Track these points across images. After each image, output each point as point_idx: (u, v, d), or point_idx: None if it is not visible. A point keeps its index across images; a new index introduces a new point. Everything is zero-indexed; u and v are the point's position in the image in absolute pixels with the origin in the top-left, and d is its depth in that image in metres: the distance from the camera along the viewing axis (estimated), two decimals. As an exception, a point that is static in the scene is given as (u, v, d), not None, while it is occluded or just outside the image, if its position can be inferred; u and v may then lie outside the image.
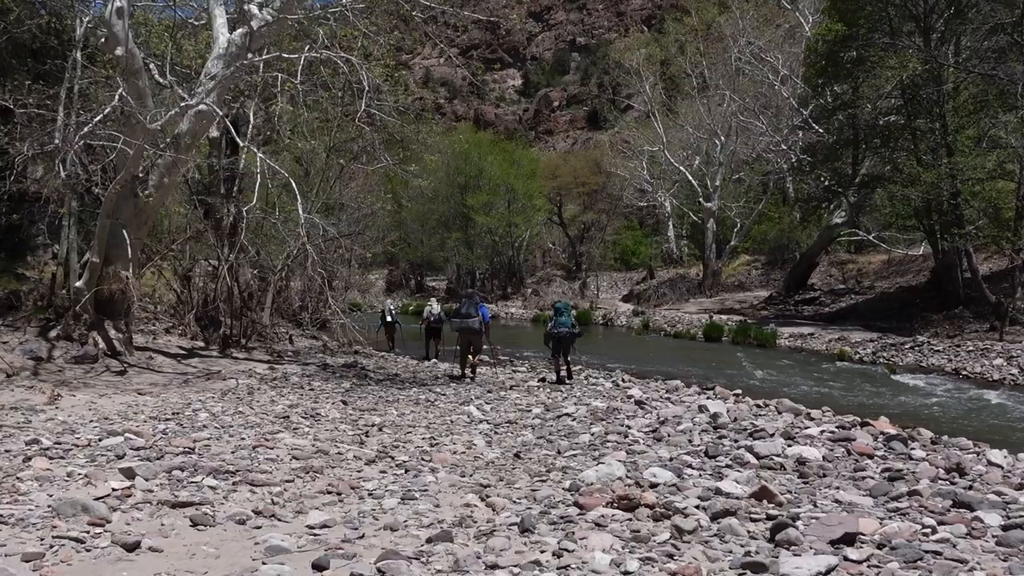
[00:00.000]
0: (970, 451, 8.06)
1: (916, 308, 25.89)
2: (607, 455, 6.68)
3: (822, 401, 13.78)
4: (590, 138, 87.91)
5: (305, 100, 18.78)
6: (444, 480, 5.73)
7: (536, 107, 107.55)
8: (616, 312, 36.22)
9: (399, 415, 8.94)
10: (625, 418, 8.88)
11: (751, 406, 11.34)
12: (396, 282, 60.39)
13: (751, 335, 24.89)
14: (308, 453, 6.49)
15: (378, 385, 11.88)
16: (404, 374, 13.86)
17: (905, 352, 20.46)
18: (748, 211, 43.25)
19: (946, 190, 22.25)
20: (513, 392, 11.65)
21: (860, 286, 34.89)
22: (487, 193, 48.10)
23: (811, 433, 8.12)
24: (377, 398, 10.35)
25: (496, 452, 6.93)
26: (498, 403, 10.32)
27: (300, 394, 10.41)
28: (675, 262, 50.10)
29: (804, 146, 33.16)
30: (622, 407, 9.72)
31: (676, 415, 8.77)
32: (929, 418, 12.31)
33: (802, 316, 30.56)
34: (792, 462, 6.41)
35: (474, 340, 13.62)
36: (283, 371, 12.96)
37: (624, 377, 14.67)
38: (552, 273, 55.15)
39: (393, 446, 7.05)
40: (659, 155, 46.58)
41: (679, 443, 7.29)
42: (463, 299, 14.14)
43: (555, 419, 8.91)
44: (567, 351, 13.47)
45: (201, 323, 16.51)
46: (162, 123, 11.55)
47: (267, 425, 7.82)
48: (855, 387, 15.97)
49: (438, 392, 11.16)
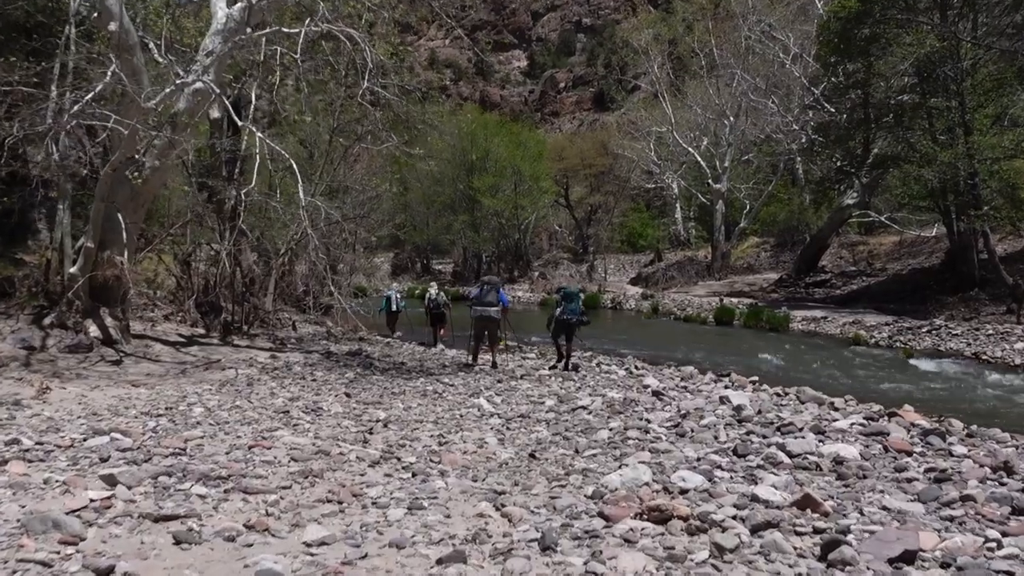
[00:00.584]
0: (1008, 444, 7.61)
1: (930, 290, 25.39)
2: (629, 455, 6.23)
3: (842, 388, 13.33)
4: (596, 119, 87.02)
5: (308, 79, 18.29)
6: (454, 485, 5.26)
7: (542, 88, 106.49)
8: (625, 295, 35.71)
9: (405, 409, 8.49)
10: (644, 411, 8.43)
11: (771, 395, 10.93)
12: (402, 265, 59.94)
13: (763, 319, 24.36)
14: (308, 454, 6.04)
15: (383, 375, 11.43)
16: (410, 362, 13.40)
17: (922, 336, 19.94)
18: (757, 193, 42.65)
19: (963, 170, 21.67)
20: (524, 382, 11.18)
21: (872, 268, 34.34)
22: (493, 175, 47.50)
23: (841, 427, 7.68)
24: (382, 389, 9.91)
25: (510, 451, 6.46)
26: (509, 394, 9.87)
27: (302, 385, 9.97)
28: (683, 244, 49.58)
29: (816, 126, 32.54)
30: (639, 398, 9.26)
31: (698, 407, 8.31)
32: (954, 406, 11.84)
33: (813, 299, 30.05)
34: (828, 461, 5.95)
35: (491, 328, 13.22)
36: (285, 360, 12.54)
37: (637, 364, 14.22)
38: (559, 256, 54.62)
39: (399, 445, 6.59)
40: (667, 136, 45.93)
41: (705, 440, 6.83)
42: (483, 285, 13.42)
43: (570, 412, 8.46)
44: (570, 338, 13.09)
45: (202, 309, 16.08)
46: (157, 102, 11.03)
47: (265, 421, 7.38)
48: (874, 373, 15.48)
49: (446, 383, 10.70)
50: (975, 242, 24.15)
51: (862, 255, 37.56)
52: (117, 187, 11.96)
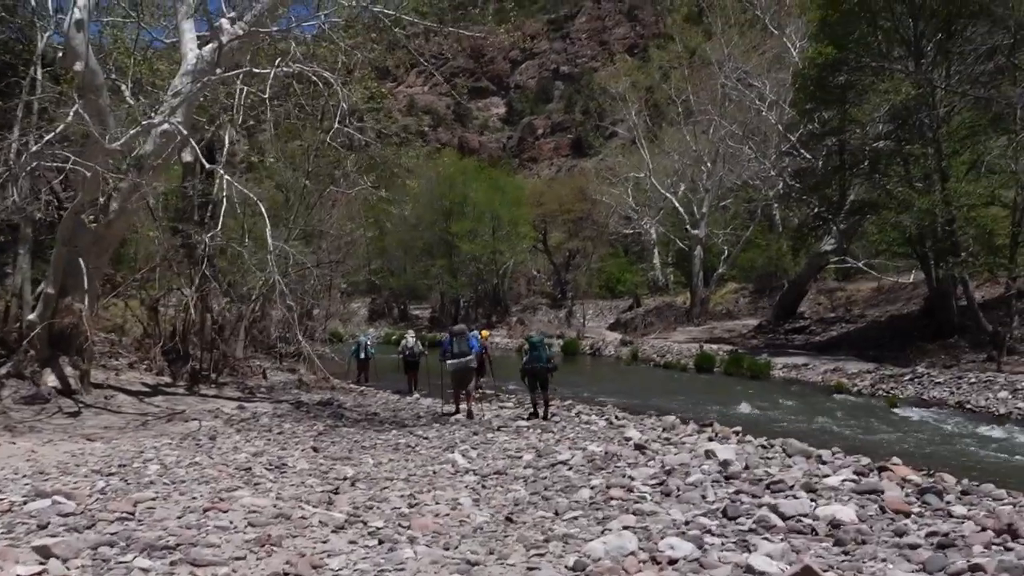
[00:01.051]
0: (1006, 501, 7.30)
1: (910, 337, 25.25)
2: (613, 517, 5.83)
3: (827, 439, 13.01)
4: (574, 165, 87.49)
5: (284, 123, 18.02)
6: (424, 555, 4.83)
7: (520, 135, 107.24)
8: (604, 341, 35.40)
9: (375, 465, 8.04)
10: (626, 466, 8.03)
11: (756, 447, 10.59)
12: (379, 311, 59.34)
13: (744, 366, 24.10)
14: (267, 517, 5.59)
15: (354, 427, 10.97)
16: (383, 412, 12.93)
17: (904, 384, 19.74)
18: (735, 238, 42.72)
19: (941, 216, 21.69)
20: (501, 433, 10.75)
21: (850, 314, 34.26)
22: (471, 220, 47.37)
23: (832, 483, 7.33)
24: (352, 443, 9.45)
25: (485, 514, 6.04)
26: (485, 448, 9.44)
27: (268, 439, 9.50)
28: (661, 290, 49.47)
29: (793, 172, 32.68)
30: (621, 452, 8.86)
31: (683, 463, 7.94)
32: (943, 459, 11.54)
33: (793, 345, 29.87)
34: (824, 525, 5.58)
35: (468, 377, 13.07)
36: (253, 410, 12.06)
37: (617, 414, 13.84)
38: (537, 301, 54.32)
39: (366, 507, 6.15)
40: (644, 182, 46.06)
41: (692, 500, 6.45)
42: (453, 336, 13.17)
43: (549, 468, 8.05)
44: (544, 386, 12.92)
45: (168, 357, 15.58)
46: (122, 143, 10.69)
47: (225, 479, 6.91)
48: (858, 422, 15.18)
49: (419, 435, 10.26)
50: (954, 289, 24.11)
51: (840, 301, 37.52)
52: (79, 231, 11.55)
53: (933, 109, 22.49)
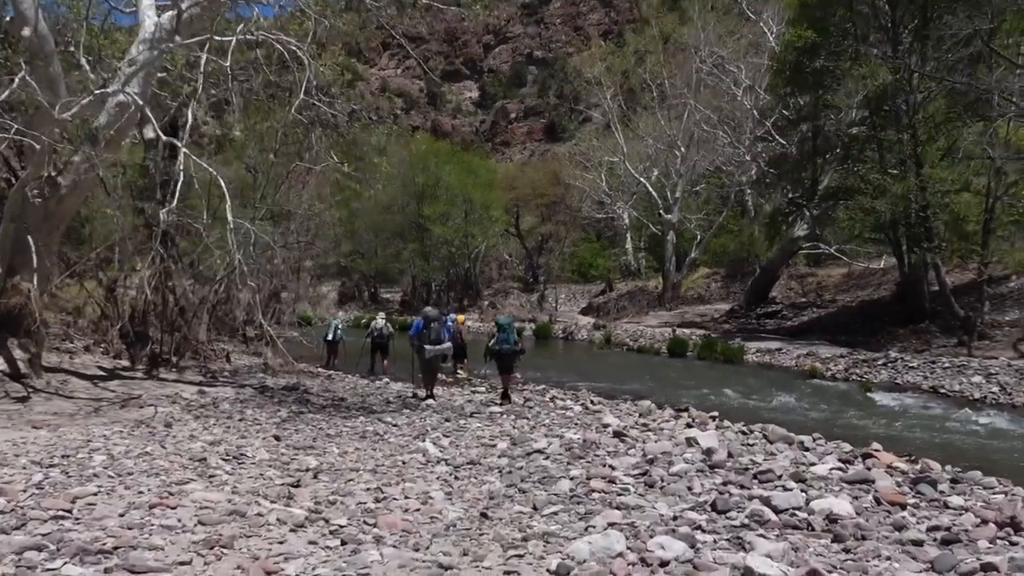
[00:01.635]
0: (997, 490, 7.04)
1: (881, 322, 25.22)
2: (596, 512, 5.43)
3: (805, 424, 12.78)
4: (548, 150, 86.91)
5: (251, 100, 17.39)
6: (391, 557, 4.39)
7: (493, 119, 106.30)
8: (576, 325, 35.09)
9: (341, 454, 7.57)
10: (606, 455, 7.65)
11: (737, 433, 10.29)
12: (349, 294, 58.60)
13: (717, 350, 23.90)
14: (219, 515, 5.12)
15: (320, 413, 10.47)
16: (351, 398, 12.41)
17: (878, 368, 19.62)
18: (708, 224, 42.56)
19: (915, 202, 21.58)
20: (474, 420, 10.31)
21: (821, 300, 34.26)
22: (444, 203, 46.75)
23: (820, 473, 7.01)
24: (317, 431, 8.96)
25: (458, 509, 5.60)
26: (458, 435, 9.00)
27: (227, 426, 8.99)
28: (633, 274, 49.25)
29: (768, 158, 32.53)
30: (600, 440, 8.47)
31: (665, 451, 7.56)
32: (924, 445, 11.34)
33: (765, 330, 29.75)
34: (821, 519, 5.23)
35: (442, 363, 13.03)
36: (213, 396, 11.51)
37: (592, 399, 13.49)
38: (509, 286, 53.92)
39: (329, 502, 5.69)
40: (618, 166, 45.72)
41: (678, 492, 6.07)
42: (430, 322, 12.69)
43: (525, 457, 7.63)
44: (509, 368, 12.82)
45: (127, 340, 14.94)
46: (73, 113, 10.07)
47: (177, 471, 6.42)
48: (834, 407, 14.97)
49: (388, 422, 9.78)
50: (925, 275, 24.08)
51: (811, 287, 37.55)
52: (28, 207, 10.91)
53: (910, 95, 22.34)
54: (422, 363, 12.77)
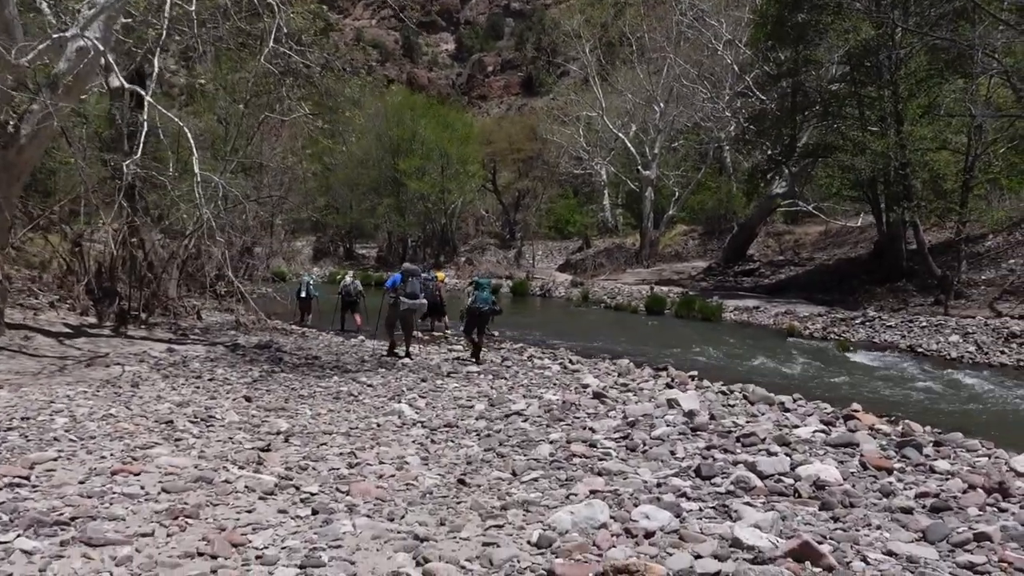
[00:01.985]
0: (980, 453, 6.96)
1: (858, 280, 25.28)
2: (577, 479, 5.25)
3: (785, 384, 12.73)
4: (525, 104, 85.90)
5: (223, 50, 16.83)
6: (365, 528, 4.19)
7: (470, 72, 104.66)
8: (554, 283, 34.93)
9: (313, 416, 7.34)
10: (586, 417, 7.48)
11: (717, 394, 10.19)
12: (324, 249, 57.96)
13: (695, 308, 23.84)
14: (185, 481, 4.89)
15: (293, 372, 10.21)
16: (325, 357, 12.14)
17: (856, 327, 19.64)
18: (686, 180, 42.34)
19: (895, 160, 21.46)
20: (451, 380, 10.10)
21: (799, 257, 34.33)
22: (420, 157, 46.06)
23: (804, 436, 6.89)
24: (289, 391, 8.72)
25: (434, 476, 5.40)
26: (434, 396, 8.80)
27: (196, 386, 8.72)
28: (610, 231, 49.05)
29: (748, 114, 32.25)
30: (579, 400, 8.31)
31: (646, 413, 7.41)
32: (903, 404, 11.34)
33: (742, 288, 29.78)
34: (808, 486, 5.08)
35: (413, 319, 12.82)
36: (183, 354, 11.21)
37: (571, 358, 13.33)
38: (486, 242, 53.54)
39: (301, 467, 5.47)
40: (596, 122, 45.24)
41: (660, 456, 5.91)
42: (407, 276, 12.64)
43: (503, 419, 7.45)
44: (483, 327, 12.86)
45: (94, 296, 14.55)
46: (30, 59, 9.58)
47: (142, 435, 6.16)
48: (813, 367, 14.95)
49: (363, 382, 9.54)
50: (903, 233, 24.09)
51: (788, 244, 37.62)
52: (-15, 157, 10.44)
53: (892, 50, 22.10)
54: (393, 314, 12.74)
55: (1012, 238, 24.05)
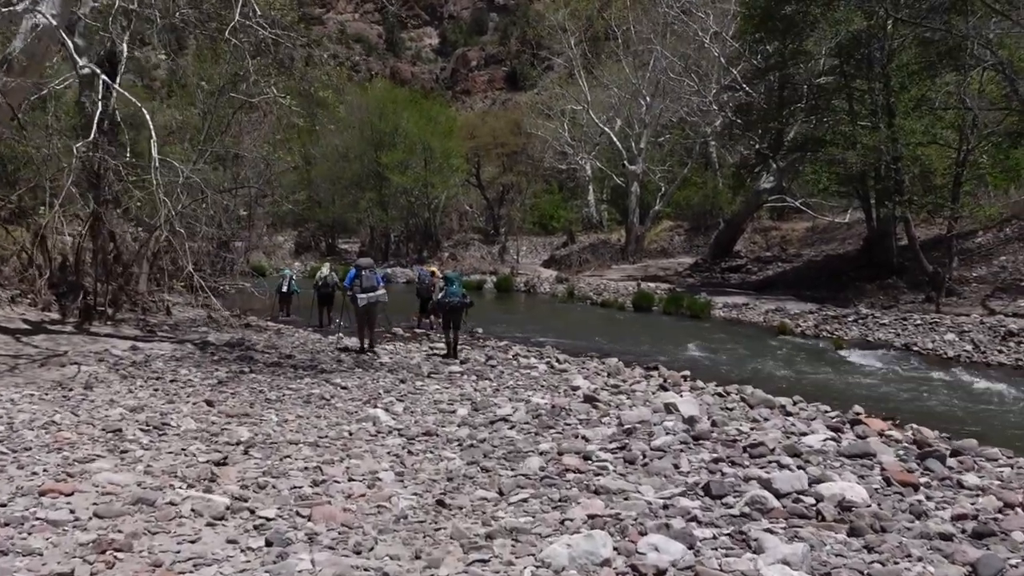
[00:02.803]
0: (1001, 462, 6.45)
1: (847, 277, 24.86)
2: (572, 500, 4.65)
3: (780, 385, 12.22)
4: (509, 99, 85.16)
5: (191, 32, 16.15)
6: (325, 565, 3.54)
7: (453, 66, 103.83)
8: (539, 278, 34.31)
9: (279, 423, 6.69)
10: (578, 424, 6.89)
11: (713, 395, 9.66)
12: (305, 244, 57.10)
13: (683, 305, 23.29)
14: (123, 503, 4.25)
15: (264, 373, 9.54)
16: (300, 355, 11.48)
17: (848, 325, 19.15)
18: (672, 175, 41.84)
19: (887, 154, 21.00)
20: (432, 382, 9.47)
21: (786, 254, 33.93)
22: (403, 151, 45.31)
23: (814, 445, 6.35)
24: (257, 394, 8.06)
25: (410, 496, 4.75)
26: (414, 399, 8.17)
27: (156, 388, 8.05)
28: (595, 227, 48.51)
29: (735, 108, 31.78)
30: (570, 405, 7.71)
31: (642, 420, 6.82)
32: (904, 406, 10.82)
33: (729, 284, 29.33)
34: (832, 507, 4.51)
35: (375, 313, 12.65)
36: (147, 352, 10.52)
37: (558, 356, 12.75)
38: (469, 237, 52.84)
39: (259, 485, 4.83)
40: (581, 116, 44.65)
41: (663, 471, 5.32)
42: (363, 270, 12.55)
43: (488, 426, 6.84)
44: (458, 323, 12.66)
45: (58, 290, 13.83)
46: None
47: (84, 446, 5.51)
48: (808, 366, 14.43)
49: (337, 384, 8.89)
50: (893, 229, 23.68)
51: (775, 240, 37.24)
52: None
53: (884, 41, 21.65)
54: (356, 312, 12.61)
55: (1003, 234, 23.69)
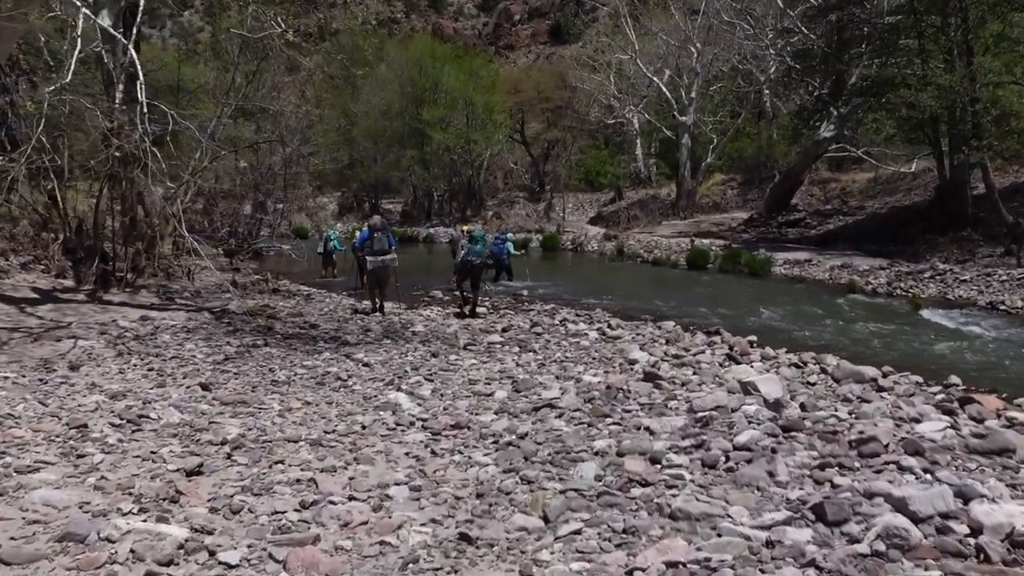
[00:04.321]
0: None
1: (916, 230, 23.10)
2: (641, 531, 3.49)
3: (858, 351, 10.87)
4: (553, 52, 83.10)
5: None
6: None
7: (496, 21, 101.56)
8: (586, 236, 32.97)
9: (281, 413, 5.60)
10: (639, 410, 5.70)
11: (789, 367, 8.42)
12: (348, 205, 56.28)
13: (741, 262, 21.80)
14: (43, 541, 3.20)
15: (280, 346, 8.47)
16: (325, 324, 10.41)
17: (924, 282, 17.57)
18: (724, 126, 39.92)
19: (965, 95, 19.17)
20: (468, 354, 8.32)
21: (847, 206, 32.07)
22: (444, 107, 43.95)
23: (932, 435, 5.09)
24: (265, 373, 7.01)
25: (425, 524, 3.63)
26: (445, 377, 7.05)
27: (150, 367, 7.04)
28: (643, 182, 46.83)
29: (794, 52, 29.77)
30: (628, 384, 6.52)
31: (719, 405, 5.59)
32: (1009, 376, 9.41)
33: (787, 239, 27.70)
34: (999, 543, 3.31)
35: (385, 276, 12.23)
36: (157, 323, 9.55)
37: (610, 322, 11.54)
38: (514, 195, 51.49)
39: (231, 508, 3.70)
40: (627, 67, 42.77)
41: (755, 481, 4.12)
42: (374, 232, 12.15)
43: (531, 413, 5.69)
44: (476, 283, 12.49)
45: (75, 255, 12.97)
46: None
47: (36, 447, 4.49)
48: (886, 329, 12.95)
49: (359, 359, 7.77)
50: (968, 177, 21.86)
51: (834, 193, 35.37)
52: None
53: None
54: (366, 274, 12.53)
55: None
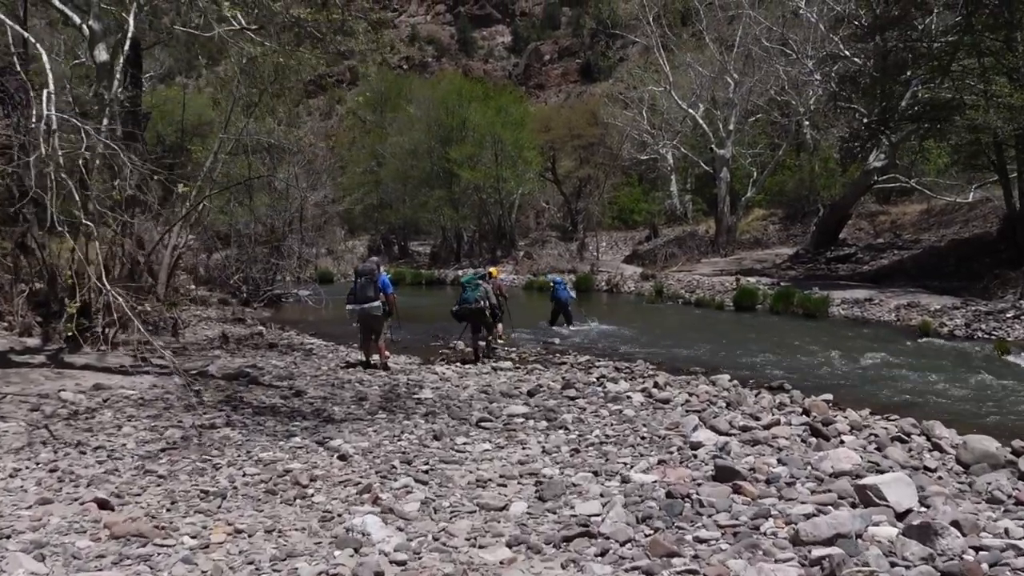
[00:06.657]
0: None
1: (982, 264, 21.09)
2: None
3: (954, 409, 8.98)
4: (584, 91, 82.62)
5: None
6: None
7: (526, 62, 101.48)
8: (622, 276, 31.15)
9: (193, 549, 3.84)
10: (719, 540, 3.89)
11: (892, 441, 6.57)
12: (377, 248, 55.22)
13: (794, 302, 19.81)
14: None
15: (244, 425, 6.74)
16: (314, 390, 8.66)
17: (1008, 322, 15.48)
18: (764, 159, 38.13)
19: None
20: (480, 433, 6.53)
21: (901, 240, 30.05)
22: (472, 145, 42.65)
23: None
24: (207, 470, 5.26)
25: None
26: (444, 475, 5.25)
27: (60, 463, 5.37)
28: (679, 219, 45.13)
29: (840, 78, 27.99)
30: (697, 489, 4.71)
31: (839, 533, 3.75)
32: None
33: (838, 276, 25.76)
34: None
35: (373, 325, 11.30)
36: (110, 393, 7.90)
37: (657, 379, 9.71)
38: (546, 235, 50.02)
39: None
40: (660, 101, 41.29)
41: None
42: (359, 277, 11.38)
43: (560, 547, 3.89)
44: (477, 329, 12.30)
45: (47, 310, 11.48)
46: None
47: None
48: (978, 381, 10.89)
49: (334, 447, 5.94)
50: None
51: (884, 226, 33.49)
52: None
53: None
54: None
55: None
